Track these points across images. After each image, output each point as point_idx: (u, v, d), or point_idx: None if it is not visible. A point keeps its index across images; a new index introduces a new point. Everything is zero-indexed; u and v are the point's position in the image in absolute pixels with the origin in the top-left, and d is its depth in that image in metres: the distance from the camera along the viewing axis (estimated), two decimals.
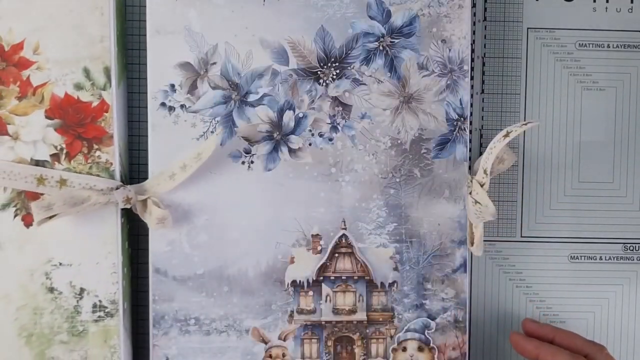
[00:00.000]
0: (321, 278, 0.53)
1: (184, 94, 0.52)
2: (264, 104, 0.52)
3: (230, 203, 0.52)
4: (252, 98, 0.52)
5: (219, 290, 0.53)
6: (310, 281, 0.53)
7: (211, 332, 0.53)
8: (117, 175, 0.52)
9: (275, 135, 0.53)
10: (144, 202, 0.52)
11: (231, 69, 0.52)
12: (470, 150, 0.55)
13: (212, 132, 0.52)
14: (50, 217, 0.49)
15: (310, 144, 0.53)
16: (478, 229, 0.53)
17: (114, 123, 0.52)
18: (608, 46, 0.58)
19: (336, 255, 0.53)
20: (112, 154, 0.52)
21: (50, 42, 0.51)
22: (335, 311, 0.53)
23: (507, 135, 0.51)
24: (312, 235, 0.53)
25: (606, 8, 0.58)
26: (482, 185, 0.53)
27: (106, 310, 0.52)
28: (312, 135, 0.53)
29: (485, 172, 0.52)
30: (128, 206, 0.51)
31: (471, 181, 0.53)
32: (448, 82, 0.53)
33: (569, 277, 0.59)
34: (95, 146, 0.52)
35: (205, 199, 0.52)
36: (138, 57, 0.55)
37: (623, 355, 0.59)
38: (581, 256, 0.59)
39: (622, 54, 0.58)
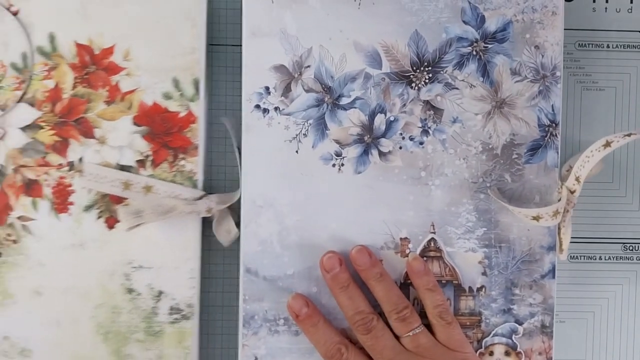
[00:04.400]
0: (409, 281, 0.53)
1: (278, 96, 0.52)
2: (355, 107, 0.53)
3: (320, 205, 0.53)
4: (344, 101, 0.53)
5: (308, 291, 0.53)
6: (398, 284, 0.53)
7: (300, 332, 0.53)
8: (200, 185, 0.52)
9: (366, 138, 0.53)
10: (221, 212, 0.53)
11: (325, 72, 0.52)
12: None
13: (304, 134, 0.53)
14: (137, 225, 0.50)
15: (400, 148, 0.53)
16: (567, 235, 0.53)
17: (199, 134, 0.52)
18: (608, 46, 0.58)
19: (424, 259, 0.53)
20: (197, 164, 0.53)
21: (141, 50, 0.52)
22: (423, 315, 0.53)
23: (607, 145, 0.51)
24: (401, 239, 0.53)
25: (606, 8, 0.58)
26: (572, 192, 0.53)
27: (182, 313, 0.53)
28: (403, 138, 0.53)
29: (577, 179, 0.52)
30: (209, 215, 0.52)
31: (561, 187, 0.53)
32: (540, 87, 0.53)
33: (568, 277, 0.59)
34: (181, 155, 0.52)
35: (296, 200, 0.53)
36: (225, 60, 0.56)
37: (623, 355, 0.59)
38: (580, 256, 0.59)
39: (622, 54, 0.58)
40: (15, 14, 0.51)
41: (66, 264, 0.52)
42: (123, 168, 0.52)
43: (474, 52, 0.53)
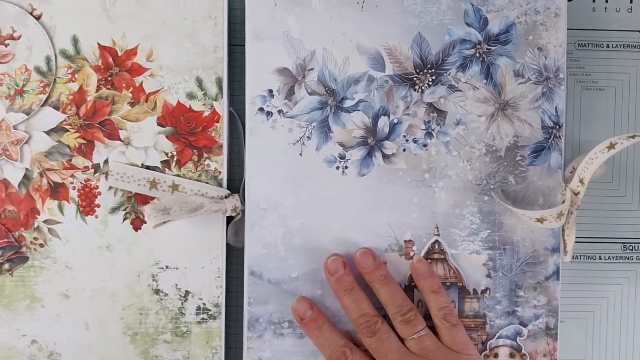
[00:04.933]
0: (413, 284, 0.53)
1: (281, 99, 0.52)
2: (359, 110, 0.53)
3: (325, 208, 0.53)
4: (348, 104, 0.53)
5: (313, 294, 0.53)
6: (403, 287, 0.53)
7: (305, 335, 0.53)
8: (225, 184, 0.52)
9: (369, 141, 0.53)
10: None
11: (328, 75, 0.53)
12: None
13: (308, 137, 0.53)
14: (165, 222, 0.49)
15: (404, 150, 0.53)
16: (571, 237, 0.53)
17: (224, 133, 0.52)
18: (608, 46, 0.58)
19: (429, 261, 0.53)
20: (221, 163, 0.53)
21: (164, 50, 0.52)
22: (428, 317, 0.53)
23: (611, 147, 0.51)
24: (405, 241, 0.53)
25: (606, 8, 0.58)
26: (576, 194, 0.53)
27: (209, 313, 0.53)
28: (407, 141, 0.53)
29: (582, 181, 0.52)
30: (234, 214, 0.52)
31: (565, 189, 0.53)
32: (544, 90, 0.53)
33: (568, 277, 0.59)
34: (205, 155, 0.52)
35: (300, 203, 0.53)
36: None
37: (623, 355, 0.59)
38: (581, 256, 0.59)
39: (622, 54, 0.58)
40: (38, 18, 0.51)
41: (93, 266, 0.53)
42: (148, 169, 0.52)
43: (478, 55, 0.53)
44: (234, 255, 0.56)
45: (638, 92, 0.59)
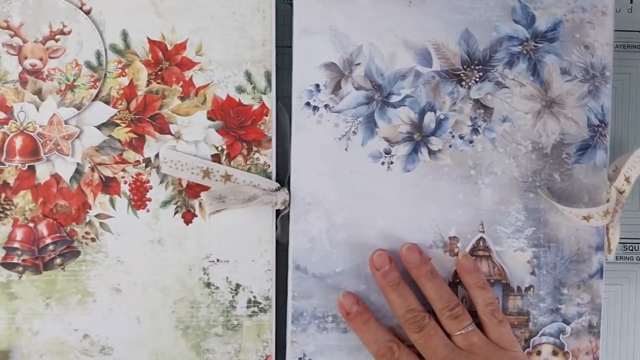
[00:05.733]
0: (457, 280, 0.53)
1: (328, 94, 0.52)
2: (405, 105, 0.53)
3: (369, 203, 0.53)
4: (394, 99, 0.53)
5: (357, 289, 0.53)
6: (446, 283, 0.53)
7: (348, 329, 0.53)
8: (274, 176, 0.53)
9: (415, 136, 0.53)
10: None
11: (375, 70, 0.53)
12: None
13: (353, 132, 0.53)
14: (219, 210, 0.49)
15: (450, 146, 0.53)
16: (615, 235, 0.53)
17: (272, 126, 0.52)
18: None
19: (473, 258, 0.53)
20: (270, 157, 0.53)
21: (213, 44, 0.52)
22: (471, 314, 0.53)
23: None
24: (450, 237, 0.53)
25: None
26: (621, 193, 0.53)
27: (260, 306, 0.53)
28: (453, 137, 0.53)
29: (627, 179, 0.52)
30: (283, 207, 0.52)
31: (610, 187, 0.53)
32: (590, 87, 0.53)
33: None
34: (255, 148, 0.52)
35: (345, 198, 0.53)
36: None
37: (623, 355, 0.58)
38: None
39: (622, 54, 0.58)
40: (88, 12, 0.51)
41: (145, 260, 0.52)
42: None
43: (524, 51, 0.53)
44: (277, 252, 0.55)
45: (638, 92, 0.59)
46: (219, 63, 0.52)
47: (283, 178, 0.54)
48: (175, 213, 0.52)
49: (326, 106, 0.53)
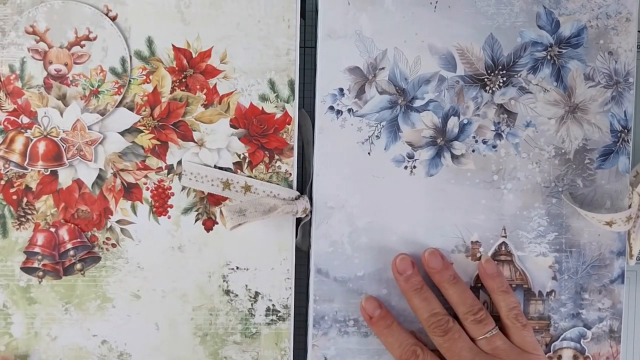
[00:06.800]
0: (479, 285, 0.53)
1: (351, 98, 0.52)
2: (429, 110, 0.53)
3: (392, 207, 0.53)
4: (417, 103, 0.53)
5: (378, 293, 0.53)
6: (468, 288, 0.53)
7: (369, 333, 0.53)
8: (295, 185, 0.52)
9: (438, 140, 0.53)
10: None
11: (399, 75, 0.52)
12: None
13: (377, 136, 0.53)
14: (240, 224, 0.49)
15: (473, 151, 0.53)
16: (637, 240, 0.53)
17: (294, 135, 0.52)
18: None
19: (495, 262, 0.53)
20: (292, 165, 0.53)
21: (237, 52, 0.52)
22: (494, 318, 0.53)
23: None
24: (472, 242, 0.53)
25: None
26: None
27: (279, 314, 0.53)
28: (476, 141, 0.53)
29: None
30: (303, 216, 0.52)
31: (632, 193, 0.53)
32: (613, 93, 0.53)
33: None
34: (276, 157, 0.52)
35: (367, 202, 0.53)
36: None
37: (623, 355, 0.59)
38: None
39: None
40: (113, 19, 0.51)
41: (165, 266, 0.52)
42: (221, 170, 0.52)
43: (549, 57, 0.53)
44: (298, 257, 0.55)
45: (638, 92, 0.59)
46: (243, 71, 0.52)
47: (304, 186, 0.54)
48: (196, 220, 0.52)
49: (350, 110, 0.52)
